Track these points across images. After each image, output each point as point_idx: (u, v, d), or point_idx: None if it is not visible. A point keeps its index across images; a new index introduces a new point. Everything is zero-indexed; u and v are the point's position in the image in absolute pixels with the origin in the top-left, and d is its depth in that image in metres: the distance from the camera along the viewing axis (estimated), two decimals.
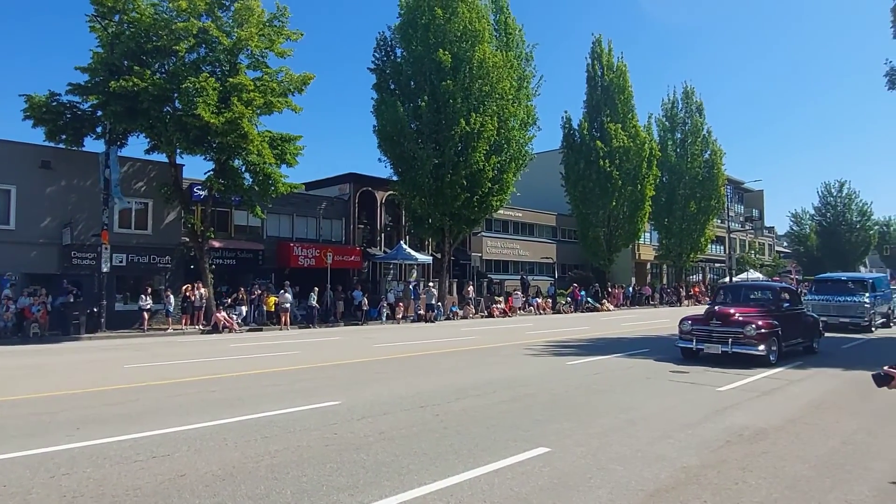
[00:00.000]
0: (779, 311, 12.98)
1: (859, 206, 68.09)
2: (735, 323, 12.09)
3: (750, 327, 11.78)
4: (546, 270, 43.91)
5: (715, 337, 12.19)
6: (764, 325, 11.92)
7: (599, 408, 8.00)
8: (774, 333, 12.11)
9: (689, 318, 12.99)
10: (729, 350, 11.90)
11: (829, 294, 21.61)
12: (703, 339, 12.36)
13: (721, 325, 12.22)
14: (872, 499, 4.75)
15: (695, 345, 12.42)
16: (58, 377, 11.13)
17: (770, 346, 11.90)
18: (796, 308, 14.08)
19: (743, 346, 11.81)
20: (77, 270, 21.69)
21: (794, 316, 13.61)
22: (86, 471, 5.30)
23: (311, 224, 30.23)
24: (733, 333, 11.96)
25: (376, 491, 4.79)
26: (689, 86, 48.36)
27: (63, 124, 20.54)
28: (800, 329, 13.73)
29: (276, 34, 21.92)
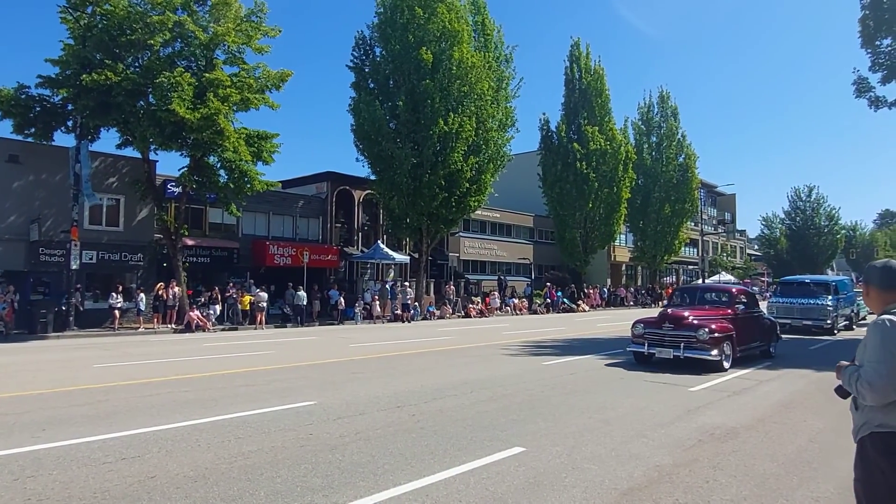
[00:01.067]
0: (734, 314, 12.52)
1: (827, 211, 69.71)
2: (688, 326, 11.57)
3: (703, 331, 11.25)
4: (523, 271, 44.14)
5: (667, 341, 11.69)
6: (717, 329, 11.44)
7: (575, 408, 8.07)
8: (728, 338, 11.67)
9: (642, 321, 12.48)
10: (681, 355, 11.39)
11: (793, 297, 21.62)
12: (655, 343, 11.87)
13: (673, 329, 11.71)
14: (837, 496, 4.87)
15: (646, 349, 11.95)
16: (23, 377, 10.83)
17: (723, 351, 11.49)
18: (753, 311, 13.62)
19: (695, 351, 11.30)
20: (45, 267, 21.17)
21: (750, 319, 13.17)
22: (52, 473, 5.18)
23: (287, 223, 29.94)
24: (685, 337, 11.46)
25: (351, 491, 4.76)
26: (664, 90, 49.10)
27: (32, 117, 20.01)
28: (756, 333, 13.30)
29: (253, 30, 21.67)
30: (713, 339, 11.23)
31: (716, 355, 11.20)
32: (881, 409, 2.81)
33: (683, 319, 11.76)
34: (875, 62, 22.91)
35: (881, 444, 2.81)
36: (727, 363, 11.56)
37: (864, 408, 2.91)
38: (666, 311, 12.49)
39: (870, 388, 2.77)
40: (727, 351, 11.60)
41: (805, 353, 15.27)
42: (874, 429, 2.84)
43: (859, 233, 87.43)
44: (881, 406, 2.81)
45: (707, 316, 12.03)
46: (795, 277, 28.35)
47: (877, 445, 2.83)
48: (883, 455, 2.79)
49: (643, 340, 12.09)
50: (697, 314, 12.05)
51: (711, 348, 11.20)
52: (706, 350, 11.20)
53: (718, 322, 11.77)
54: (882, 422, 2.81)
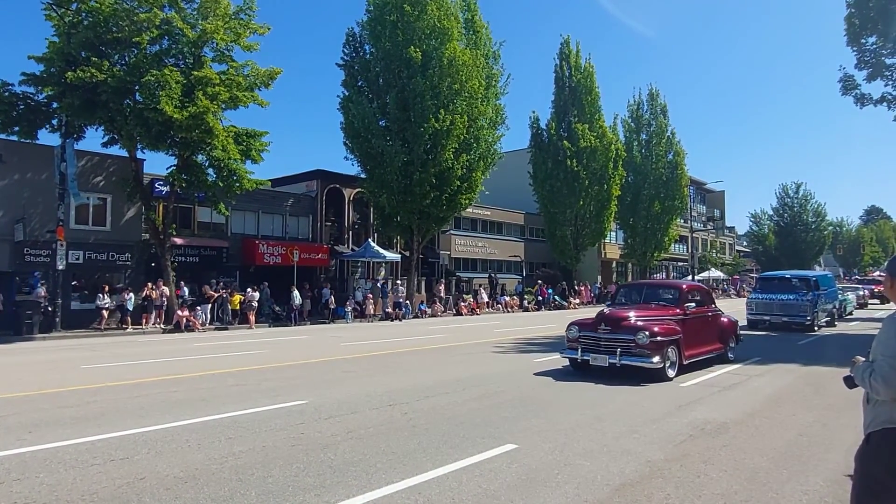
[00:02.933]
0: (683, 313, 11.07)
1: (814, 207, 70.38)
2: (626, 329, 10.17)
3: (642, 334, 9.86)
4: (514, 269, 44.20)
5: (603, 346, 10.28)
6: (660, 332, 10.07)
7: (566, 404, 8.08)
8: (674, 342, 10.28)
9: (577, 323, 11.04)
10: (617, 362, 9.99)
11: (773, 292, 21.01)
12: (591, 349, 10.45)
13: (610, 332, 10.30)
14: (826, 489, 4.91)
15: (580, 355, 10.50)
16: (9, 378, 10.69)
17: (667, 357, 10.07)
18: (706, 310, 12.12)
19: (634, 358, 9.91)
20: (30, 268, 20.91)
21: (702, 320, 11.72)
22: (38, 475, 5.10)
23: (277, 221, 29.78)
24: (623, 342, 10.08)
25: (343, 490, 4.73)
26: (654, 88, 49.35)
27: (16, 116, 19.75)
28: (710, 335, 11.97)
29: (242, 27, 21.49)
30: (654, 344, 9.84)
31: (657, 362, 9.79)
32: (892, 406, 2.83)
33: (622, 321, 10.38)
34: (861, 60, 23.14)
35: (890, 440, 2.84)
36: (672, 371, 10.17)
37: (875, 403, 2.92)
38: (603, 311, 11.01)
39: (884, 382, 2.78)
40: (672, 357, 10.24)
41: (794, 348, 15.39)
42: (884, 425, 2.86)
43: (846, 229, 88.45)
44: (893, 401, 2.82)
45: (650, 317, 10.65)
46: (775, 273, 28.03)
47: (885, 442, 2.85)
48: (890, 452, 2.81)
49: (577, 345, 10.68)
50: (639, 315, 10.62)
51: (652, 354, 9.80)
52: (646, 356, 9.80)
53: (662, 323, 10.43)
54: (892, 418, 2.83)
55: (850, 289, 33.47)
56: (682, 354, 10.46)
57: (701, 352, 11.29)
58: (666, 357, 10.02)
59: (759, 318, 20.86)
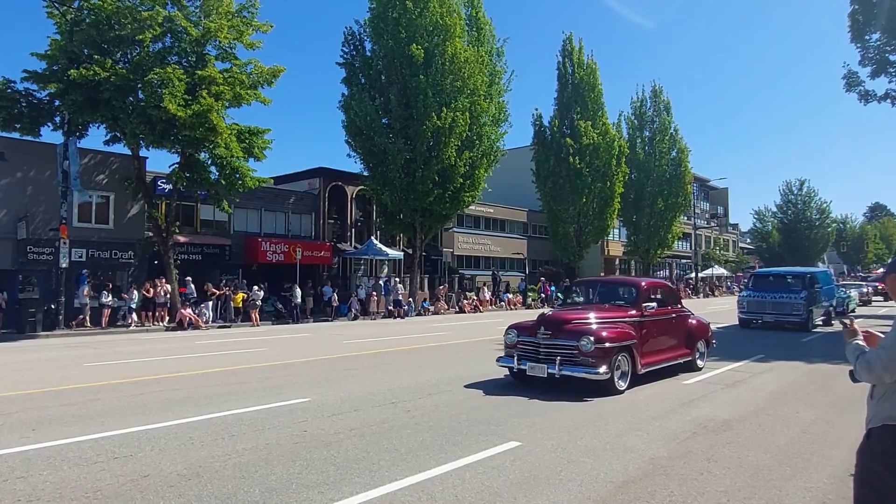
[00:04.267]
0: (640, 315, 9.52)
1: (818, 205, 70.19)
2: (568, 333, 8.69)
3: (586, 340, 8.37)
4: (517, 266, 44.15)
5: (542, 353, 8.82)
6: (609, 337, 8.57)
7: (569, 401, 8.06)
8: (626, 349, 8.84)
9: (515, 326, 9.54)
10: (556, 373, 8.49)
11: (766, 290, 20.12)
12: (529, 356, 8.97)
13: (550, 337, 8.81)
14: (830, 486, 4.90)
15: (516, 364, 9.01)
16: (12, 377, 10.72)
17: (616, 367, 8.62)
18: (671, 311, 10.60)
19: (576, 368, 8.45)
20: (33, 266, 20.97)
21: (664, 322, 10.25)
22: (42, 473, 5.11)
23: (279, 219, 29.80)
24: (564, 348, 8.61)
25: (347, 488, 4.74)
26: (657, 85, 49.11)
27: (18, 113, 19.75)
28: (674, 339, 10.47)
29: (244, 25, 21.46)
30: (600, 351, 8.38)
31: (604, 373, 8.35)
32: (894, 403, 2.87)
33: (564, 324, 8.92)
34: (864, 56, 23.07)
35: (889, 436, 2.86)
36: (623, 383, 8.77)
37: (879, 399, 2.96)
38: (544, 312, 9.64)
39: (867, 367, 2.90)
40: (623, 366, 8.84)
41: (797, 345, 15.36)
42: (884, 421, 2.89)
43: (850, 226, 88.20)
44: None
45: (599, 319, 9.15)
46: (768, 270, 27.29)
47: (883, 438, 2.89)
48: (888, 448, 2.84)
49: (515, 352, 9.24)
50: (586, 316, 9.16)
51: (598, 363, 8.36)
52: (590, 366, 8.37)
53: (612, 327, 8.98)
54: (892, 415, 2.87)
55: (853, 286, 33.40)
56: (637, 362, 9.03)
57: (661, 359, 9.87)
58: (615, 366, 8.58)
59: (751, 318, 20.15)
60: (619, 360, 8.71)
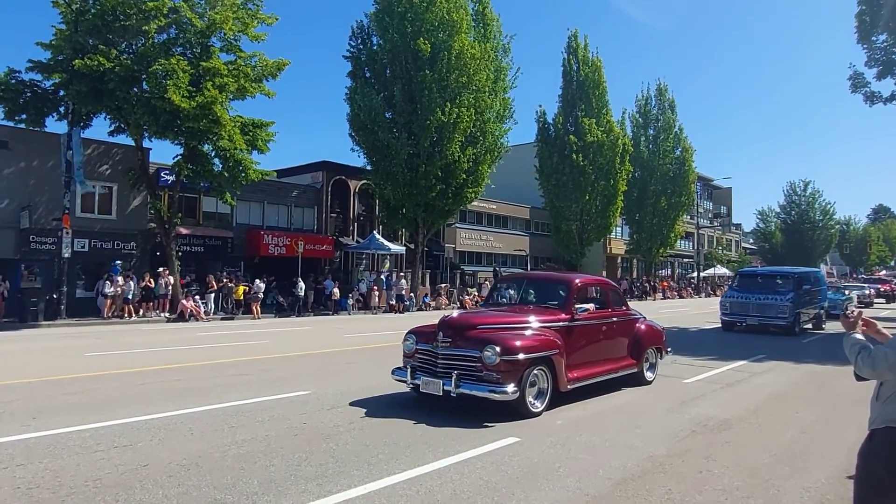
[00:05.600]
0: (570, 319, 7.89)
1: (822, 206, 70.02)
2: (470, 341, 7.05)
3: (490, 350, 6.75)
4: (519, 263, 44.14)
5: (440, 365, 7.19)
6: (521, 346, 6.94)
7: (569, 398, 8.05)
8: (544, 360, 7.16)
9: (416, 332, 7.88)
10: (453, 390, 6.84)
11: (751, 292, 18.87)
12: (425, 368, 7.39)
13: (449, 346, 7.16)
14: (828, 486, 4.90)
15: (410, 378, 7.39)
16: (13, 365, 10.77)
17: (529, 383, 6.94)
18: (612, 314, 8.91)
19: (477, 385, 6.82)
20: (36, 255, 21.00)
21: (602, 328, 8.58)
22: (42, 461, 5.14)
23: (282, 212, 29.82)
24: (465, 360, 7.01)
25: (345, 481, 4.75)
26: (662, 83, 48.97)
27: (23, 103, 19.76)
28: (615, 348, 8.83)
29: (249, 17, 21.38)
30: (508, 364, 6.76)
31: (512, 391, 6.69)
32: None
33: (466, 329, 7.30)
34: (871, 58, 22.97)
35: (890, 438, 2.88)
36: (539, 403, 7.15)
37: (885, 401, 2.96)
38: (446, 315, 7.88)
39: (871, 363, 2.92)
40: (541, 382, 7.21)
41: (797, 346, 15.34)
42: (887, 423, 2.89)
43: (853, 227, 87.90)
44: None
45: (515, 323, 7.54)
46: (755, 269, 26.46)
47: (886, 440, 2.90)
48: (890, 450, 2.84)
49: (412, 363, 7.65)
50: (496, 320, 7.64)
51: (505, 379, 6.72)
52: (495, 383, 6.73)
53: (524, 335, 7.26)
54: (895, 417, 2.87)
55: (854, 287, 33.29)
56: (562, 377, 7.42)
57: (596, 372, 8.30)
58: (527, 383, 6.92)
59: (735, 320, 19.04)
60: (533, 374, 7.04)
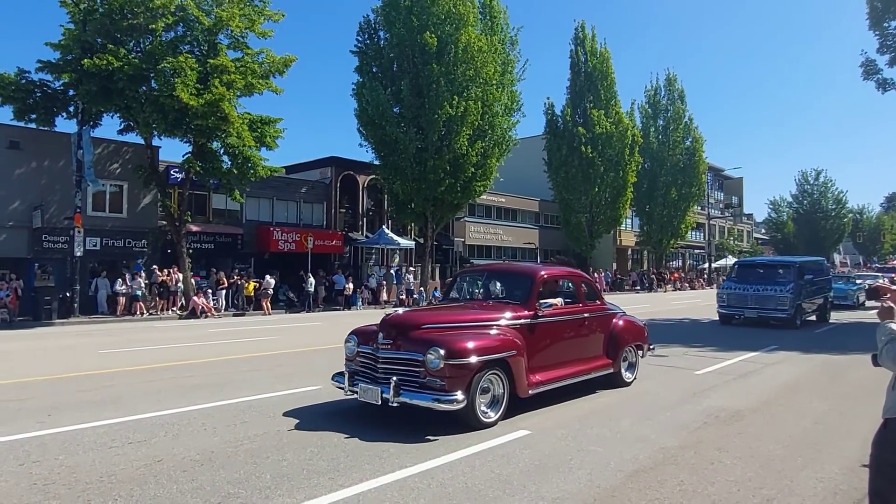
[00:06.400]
0: (531, 316, 7.02)
1: (834, 195, 69.30)
2: (413, 343, 6.25)
3: (434, 353, 5.95)
4: (529, 256, 44.07)
5: (380, 370, 6.40)
6: (470, 349, 6.07)
7: (580, 391, 8.03)
8: (498, 363, 6.30)
9: (358, 332, 7.14)
10: (392, 399, 5.99)
11: (749, 282, 17.94)
12: (365, 373, 6.63)
13: (390, 348, 6.38)
14: (842, 477, 4.86)
15: (347, 384, 6.58)
16: (28, 363, 10.90)
17: (478, 391, 6.10)
18: (583, 309, 8.02)
19: (419, 394, 5.99)
20: (49, 254, 21.21)
21: (571, 325, 7.74)
22: (58, 458, 5.20)
23: (291, 208, 29.90)
24: (406, 363, 6.22)
25: (357, 474, 4.77)
26: (671, 73, 48.50)
27: (33, 103, 19.91)
28: (587, 346, 8.02)
29: (256, 14, 21.44)
30: (454, 369, 5.93)
31: (459, 400, 5.86)
32: None
33: (410, 329, 6.48)
34: (883, 44, 22.62)
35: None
36: (493, 413, 6.30)
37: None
38: (389, 313, 6.98)
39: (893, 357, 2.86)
40: (496, 387, 6.36)
41: (811, 336, 15.22)
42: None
43: (866, 216, 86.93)
44: None
45: (467, 322, 6.73)
46: (754, 259, 25.70)
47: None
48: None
49: (352, 367, 6.91)
50: (446, 319, 6.83)
51: (451, 387, 5.89)
52: (441, 391, 5.90)
53: (476, 335, 6.38)
54: None
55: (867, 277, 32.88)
56: (522, 381, 6.55)
57: (565, 374, 7.41)
58: (477, 390, 6.08)
59: (732, 313, 18.08)
60: (486, 379, 6.21)
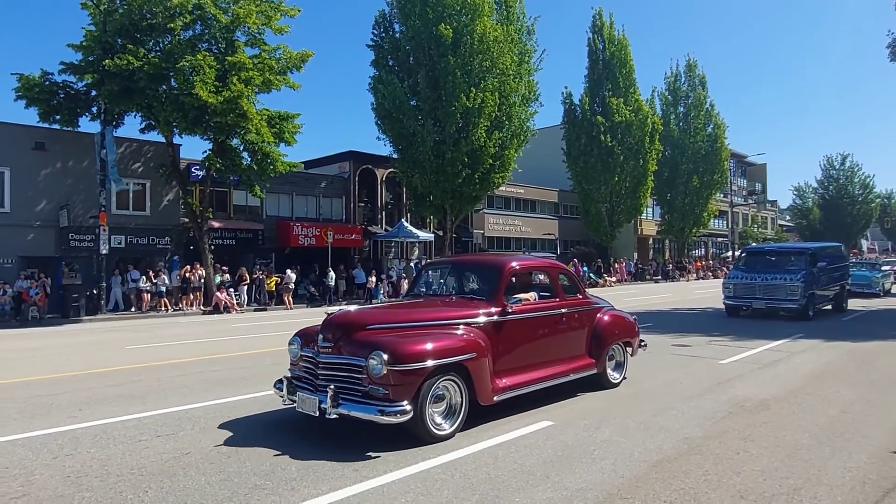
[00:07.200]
0: (500, 313, 6.23)
1: (861, 179, 67.75)
2: (356, 346, 5.49)
3: (376, 358, 5.19)
4: (548, 247, 43.88)
5: (320, 377, 5.63)
6: (417, 352, 5.33)
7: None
8: (454, 368, 5.56)
9: (302, 333, 6.23)
10: (329, 410, 5.25)
11: (758, 271, 16.67)
12: (305, 380, 5.89)
13: (331, 352, 5.62)
14: (871, 466, 4.78)
15: (286, 392, 5.90)
16: (58, 359, 11.15)
17: (428, 400, 5.35)
18: (560, 304, 7.11)
19: (360, 405, 5.25)
20: (75, 252, 21.67)
21: (546, 322, 6.87)
22: (89, 451, 5.32)
23: (311, 203, 30.12)
24: (347, 369, 5.47)
25: (381, 466, 4.81)
26: (691, 59, 47.81)
27: (57, 104, 20.32)
28: (566, 345, 7.13)
29: (272, 10, 21.55)
30: (400, 376, 5.18)
31: (406, 410, 5.15)
32: None
33: (353, 330, 5.68)
34: None
35: None
36: (449, 425, 5.57)
37: None
38: (334, 312, 6.00)
39: None
40: (453, 397, 5.64)
41: (838, 324, 14.95)
42: None
43: (894, 201, 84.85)
44: None
45: (419, 321, 5.95)
46: (763, 246, 25.07)
47: None
48: None
49: (296, 371, 6.17)
50: (397, 318, 6.08)
51: (396, 396, 5.18)
52: (384, 401, 5.20)
53: (428, 336, 5.60)
54: None
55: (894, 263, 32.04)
56: (484, 386, 5.81)
57: (537, 377, 6.56)
58: (428, 399, 5.35)
59: (739, 304, 16.79)
60: (439, 387, 5.50)
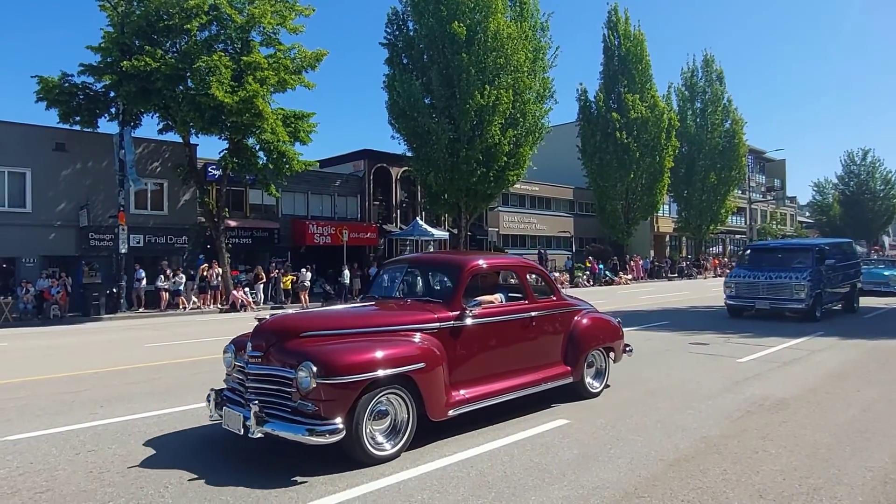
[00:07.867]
0: (457, 317, 5.66)
1: (883, 175, 66.59)
2: (286, 355, 4.92)
3: (305, 370, 4.63)
4: (564, 244, 43.68)
5: (248, 389, 5.09)
6: (355, 363, 4.80)
7: (619, 380, 7.94)
8: (400, 379, 5.01)
9: (237, 341, 5.62)
10: (254, 429, 4.65)
11: (761, 269, 15.66)
12: (235, 392, 5.36)
13: (259, 362, 5.04)
14: (892, 466, 4.72)
15: (213, 406, 5.28)
16: (79, 357, 11.35)
17: (365, 417, 4.79)
18: (530, 307, 6.46)
19: (289, 424, 4.71)
20: (95, 252, 22.00)
21: (511, 326, 6.22)
22: (111, 447, 5.41)
23: (326, 202, 30.28)
24: (277, 382, 4.92)
25: (398, 463, 4.83)
26: (708, 53, 47.26)
27: (76, 105, 20.59)
28: (536, 353, 6.49)
29: (287, 10, 21.67)
30: (332, 391, 4.64)
31: (339, 429, 4.59)
32: None
33: (285, 338, 5.09)
34: None
35: None
36: (390, 443, 5.00)
37: None
38: (266, 317, 5.46)
39: None
40: (398, 412, 5.09)
41: (858, 322, 14.72)
42: None
43: None
44: None
45: (362, 327, 5.44)
46: (768, 242, 24.35)
47: None
48: None
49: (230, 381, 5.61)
50: (336, 323, 5.49)
51: (328, 412, 4.63)
52: (315, 418, 4.65)
53: (370, 344, 5.07)
54: None
55: None
56: (436, 399, 5.27)
57: (501, 388, 5.98)
58: (364, 415, 4.78)
59: (742, 304, 15.81)
60: (380, 402, 4.95)
